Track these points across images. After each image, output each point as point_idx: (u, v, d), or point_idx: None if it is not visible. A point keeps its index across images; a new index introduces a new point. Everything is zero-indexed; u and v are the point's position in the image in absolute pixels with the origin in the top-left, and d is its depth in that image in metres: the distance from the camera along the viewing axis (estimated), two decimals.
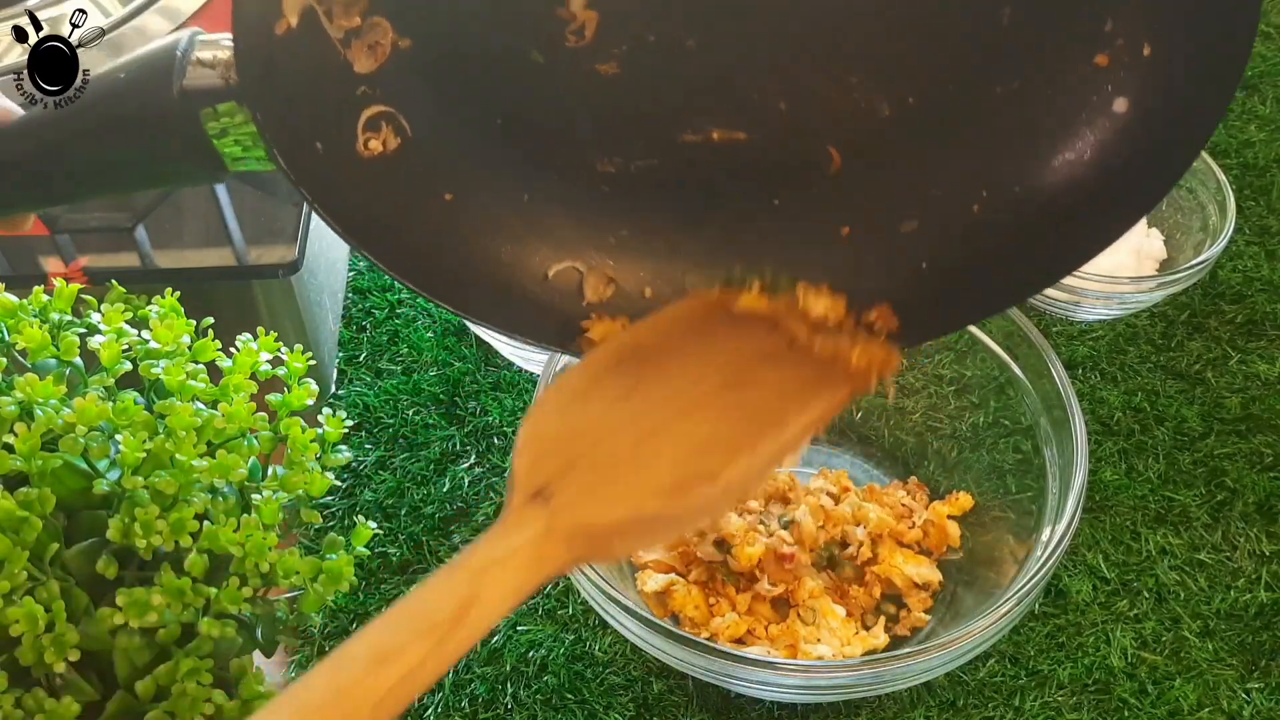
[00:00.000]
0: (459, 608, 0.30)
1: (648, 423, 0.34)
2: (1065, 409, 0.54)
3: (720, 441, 0.34)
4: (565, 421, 0.34)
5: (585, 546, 0.32)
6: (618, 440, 0.34)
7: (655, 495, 0.33)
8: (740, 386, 0.35)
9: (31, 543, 0.43)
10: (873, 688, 0.50)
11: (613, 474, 0.33)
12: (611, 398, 0.35)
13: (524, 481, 0.33)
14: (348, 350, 0.71)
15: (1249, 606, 0.57)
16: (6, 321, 0.48)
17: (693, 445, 0.34)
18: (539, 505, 0.32)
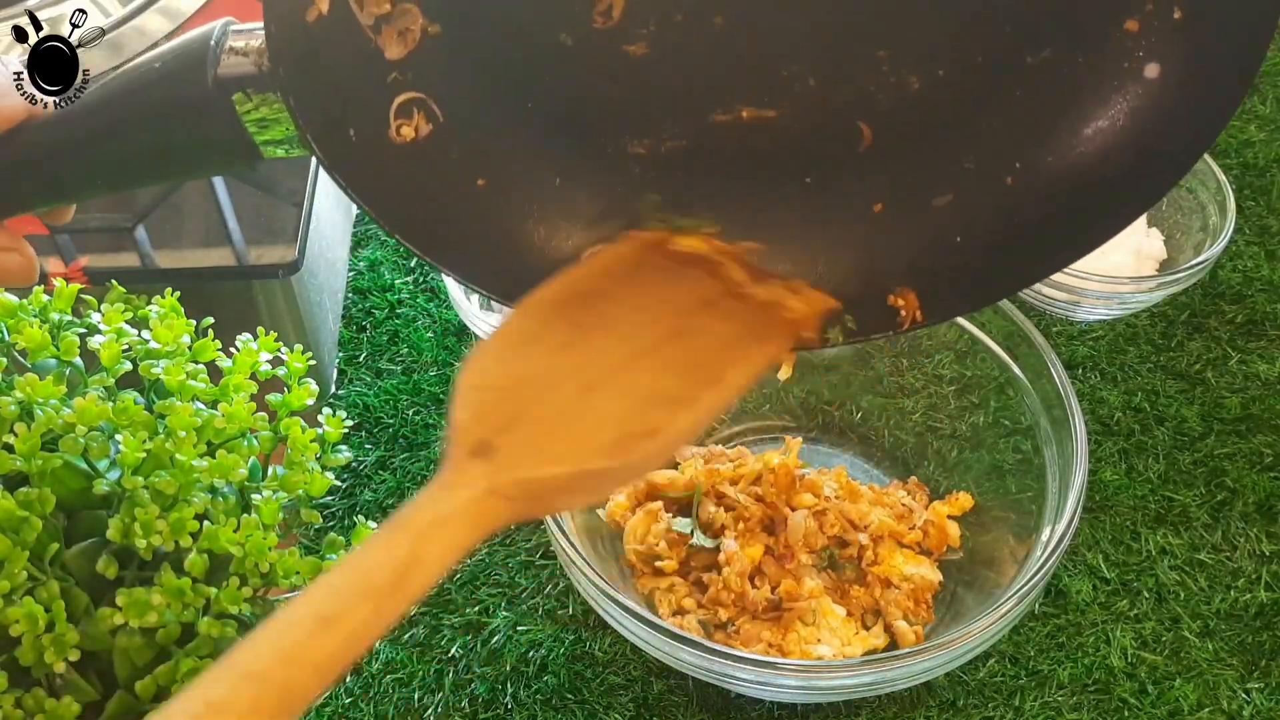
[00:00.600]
0: (400, 569, 0.30)
1: (590, 374, 0.34)
2: (1065, 409, 0.54)
3: (662, 396, 0.34)
4: (506, 371, 0.34)
5: (526, 502, 0.32)
6: (560, 393, 0.33)
7: (598, 452, 0.32)
8: (681, 336, 0.35)
9: (31, 543, 0.43)
10: (873, 688, 0.50)
11: (556, 429, 0.33)
12: (553, 346, 0.34)
13: (464, 435, 0.32)
14: (348, 350, 0.71)
15: (1249, 606, 0.57)
16: (6, 321, 0.48)
17: (635, 399, 0.33)
18: (480, 461, 0.31)
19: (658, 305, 0.35)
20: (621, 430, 0.33)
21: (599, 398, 0.33)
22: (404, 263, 0.76)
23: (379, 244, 0.77)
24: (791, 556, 0.57)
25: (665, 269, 0.36)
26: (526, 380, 0.34)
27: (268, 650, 0.28)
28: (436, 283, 0.74)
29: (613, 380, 0.34)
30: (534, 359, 0.34)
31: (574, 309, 0.35)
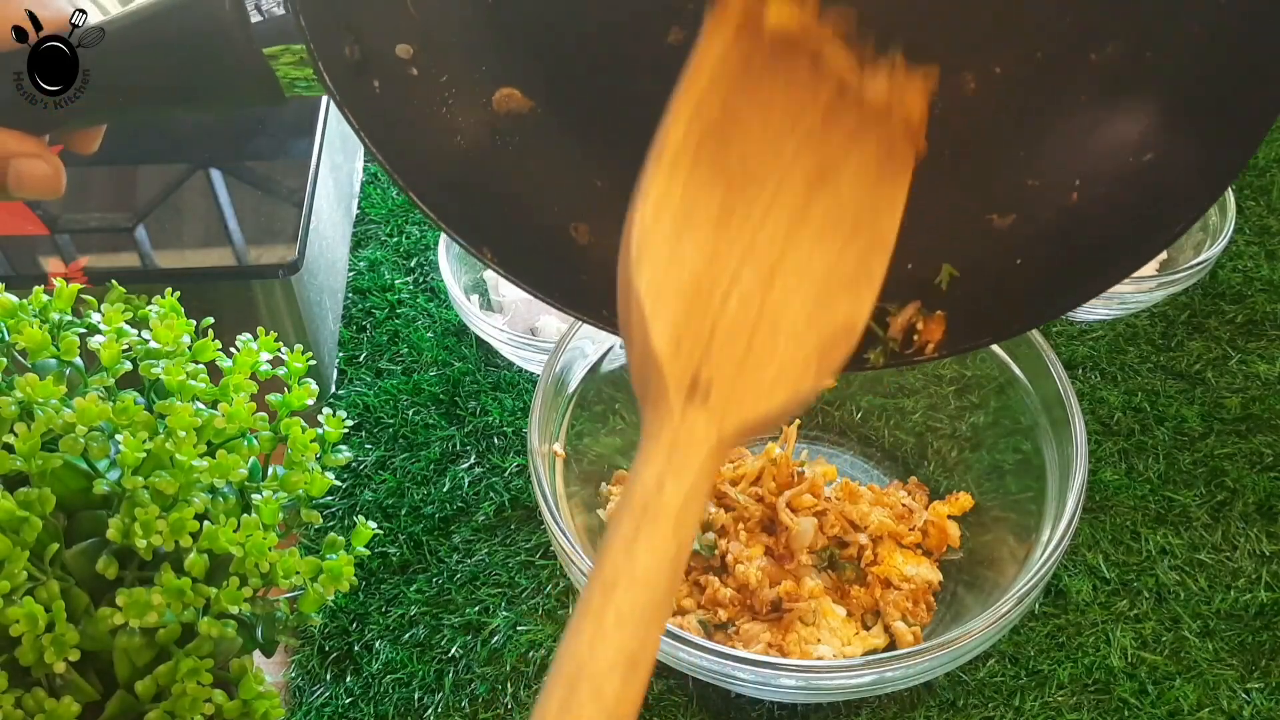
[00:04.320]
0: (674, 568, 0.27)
1: (762, 253, 0.31)
2: (1065, 409, 0.54)
3: (839, 274, 0.31)
4: (682, 265, 0.30)
5: (743, 440, 0.30)
6: (743, 286, 0.30)
7: (806, 368, 0.30)
8: (826, 181, 0.32)
9: (31, 543, 0.43)
10: (873, 688, 0.50)
11: (758, 344, 0.30)
12: (714, 220, 0.31)
13: (674, 370, 0.28)
14: (348, 350, 0.71)
15: (1249, 606, 0.57)
16: (6, 321, 0.48)
17: (816, 284, 0.31)
18: (699, 408, 0.28)
19: (787, 124, 0.32)
20: (818, 333, 0.30)
21: (781, 288, 0.30)
22: (404, 263, 0.76)
23: (379, 244, 0.77)
24: (791, 557, 0.57)
25: (772, 70, 0.33)
26: (704, 273, 0.30)
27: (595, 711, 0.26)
28: (436, 283, 0.74)
29: (785, 260, 0.31)
30: (702, 238, 0.30)
31: (712, 149, 0.32)
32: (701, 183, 0.31)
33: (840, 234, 0.32)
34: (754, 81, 0.33)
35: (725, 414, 0.29)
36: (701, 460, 0.28)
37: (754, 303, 0.30)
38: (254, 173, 0.66)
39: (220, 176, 0.65)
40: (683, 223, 0.31)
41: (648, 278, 0.30)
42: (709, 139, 0.32)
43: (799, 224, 0.31)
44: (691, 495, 0.28)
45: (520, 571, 0.60)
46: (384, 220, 0.79)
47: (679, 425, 0.28)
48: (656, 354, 0.29)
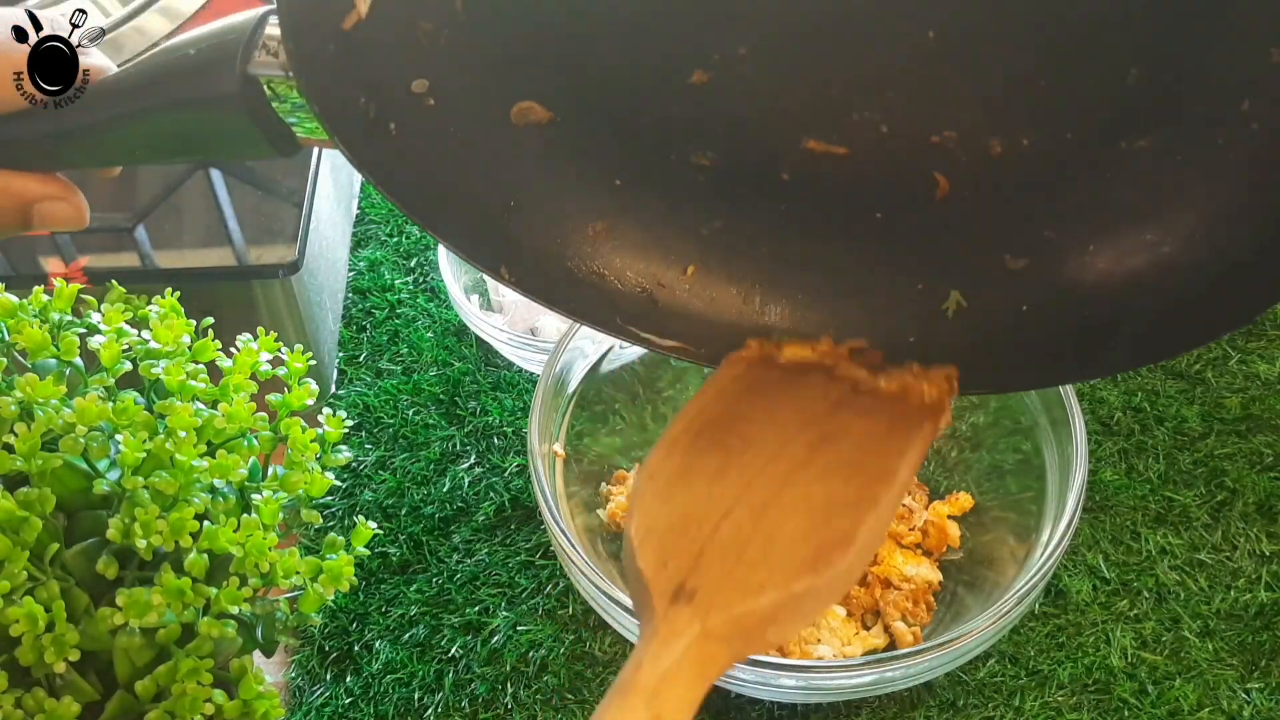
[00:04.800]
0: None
1: (757, 494, 0.33)
2: (1065, 409, 0.54)
3: (839, 502, 0.32)
4: (673, 508, 0.33)
5: (743, 640, 0.31)
6: (735, 519, 0.32)
7: (799, 570, 0.31)
8: (830, 442, 0.34)
9: (31, 543, 0.43)
10: (873, 688, 0.50)
11: (746, 557, 0.31)
12: (708, 476, 0.33)
13: (658, 583, 0.31)
14: (348, 350, 0.71)
15: (1249, 606, 0.57)
16: (6, 321, 0.48)
17: (813, 511, 0.32)
18: (683, 606, 0.30)
19: (794, 416, 0.34)
20: (814, 543, 0.32)
21: (775, 517, 0.32)
22: (404, 263, 0.76)
23: (379, 244, 0.77)
24: None
25: (784, 382, 0.35)
26: (696, 513, 0.32)
27: None
28: (436, 283, 0.74)
29: (781, 497, 0.33)
30: (695, 491, 0.33)
31: (714, 435, 0.34)
32: (699, 454, 0.34)
33: (841, 475, 0.33)
34: (765, 388, 0.35)
35: (710, 609, 0.31)
36: (683, 646, 0.30)
37: (745, 528, 0.32)
38: (254, 173, 0.66)
39: (220, 176, 0.65)
40: (675, 482, 0.33)
41: (637, 522, 0.32)
42: (712, 426, 0.34)
43: (799, 470, 0.33)
44: (668, 674, 0.29)
45: (520, 571, 0.60)
46: (384, 220, 0.79)
47: (661, 621, 0.30)
48: (643, 573, 0.31)
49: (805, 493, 0.33)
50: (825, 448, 0.34)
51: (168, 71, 0.37)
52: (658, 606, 0.31)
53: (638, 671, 0.29)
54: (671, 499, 0.33)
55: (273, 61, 0.35)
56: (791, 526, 0.32)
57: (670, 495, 0.33)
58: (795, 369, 0.35)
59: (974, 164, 0.34)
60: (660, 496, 0.33)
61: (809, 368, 0.35)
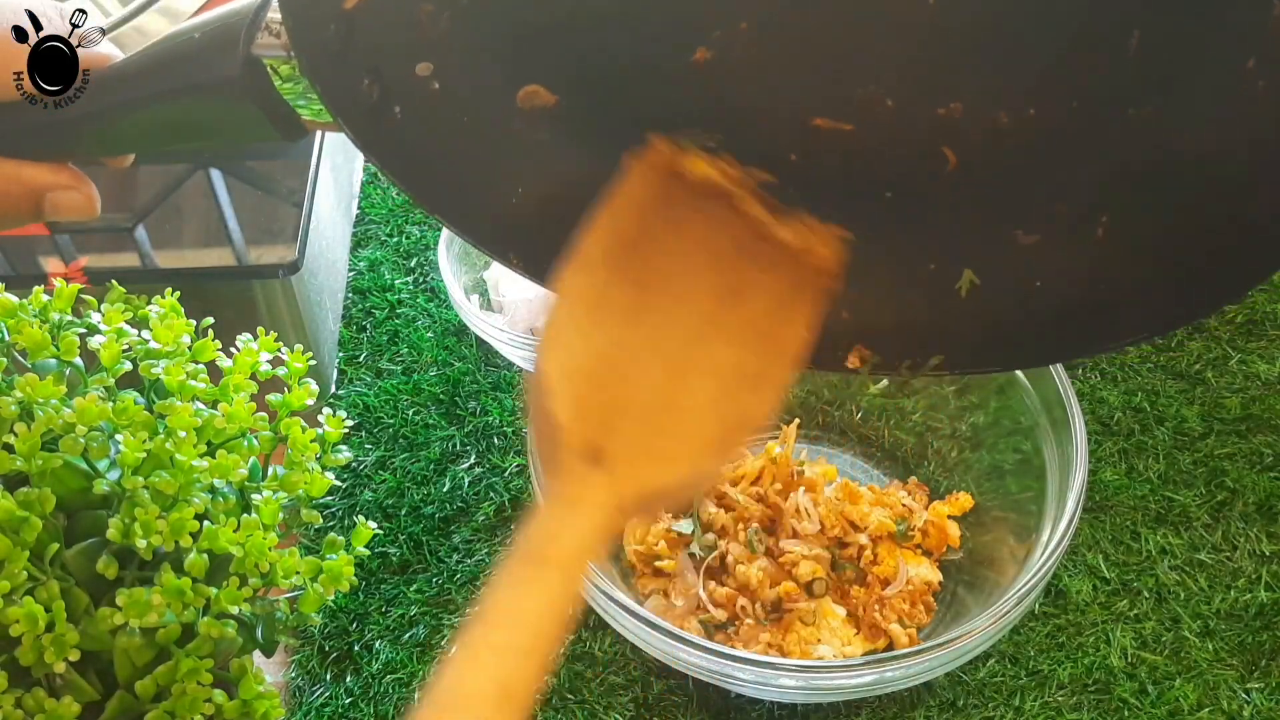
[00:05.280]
0: (560, 612, 0.29)
1: (670, 349, 0.33)
2: (1065, 409, 0.54)
3: (743, 374, 0.33)
4: (589, 347, 0.32)
5: (643, 509, 0.31)
6: (649, 375, 0.32)
7: (706, 449, 0.32)
8: (737, 295, 0.34)
9: (31, 543, 0.43)
10: (873, 688, 0.50)
11: (660, 424, 0.32)
12: (623, 312, 0.33)
13: (573, 438, 0.31)
14: (348, 350, 0.71)
15: (1249, 606, 0.57)
16: (6, 321, 0.48)
17: (721, 380, 0.33)
18: (598, 471, 0.30)
19: (700, 251, 0.34)
20: (720, 421, 0.32)
21: (687, 379, 0.32)
22: (404, 263, 0.76)
23: (379, 244, 0.77)
24: (793, 570, 0.57)
25: (690, 204, 0.35)
26: (611, 359, 0.32)
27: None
28: (436, 283, 0.74)
29: (693, 355, 0.33)
30: (610, 329, 0.33)
31: (626, 260, 0.34)
32: (614, 284, 0.33)
33: (748, 340, 0.34)
34: (673, 208, 0.35)
35: (624, 480, 0.30)
36: (597, 518, 0.30)
37: (660, 387, 0.32)
38: (254, 173, 0.66)
39: (220, 176, 0.65)
40: (593, 316, 0.33)
41: (555, 360, 0.32)
42: (624, 249, 0.34)
43: (709, 326, 0.33)
44: (583, 548, 0.30)
45: None
46: (384, 220, 0.79)
47: (577, 485, 0.30)
48: (559, 423, 0.31)
49: (715, 355, 0.33)
50: (733, 304, 0.34)
51: (172, 56, 0.37)
52: (572, 466, 0.30)
53: (554, 543, 0.29)
54: (587, 336, 0.33)
55: (275, 43, 0.35)
56: (702, 395, 0.32)
57: (586, 331, 0.33)
58: (702, 192, 0.35)
59: (981, 136, 0.34)
60: (577, 330, 0.33)
61: (714, 194, 0.35)
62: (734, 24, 0.34)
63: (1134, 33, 0.32)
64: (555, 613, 0.29)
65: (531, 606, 0.29)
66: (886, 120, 0.34)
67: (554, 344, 0.32)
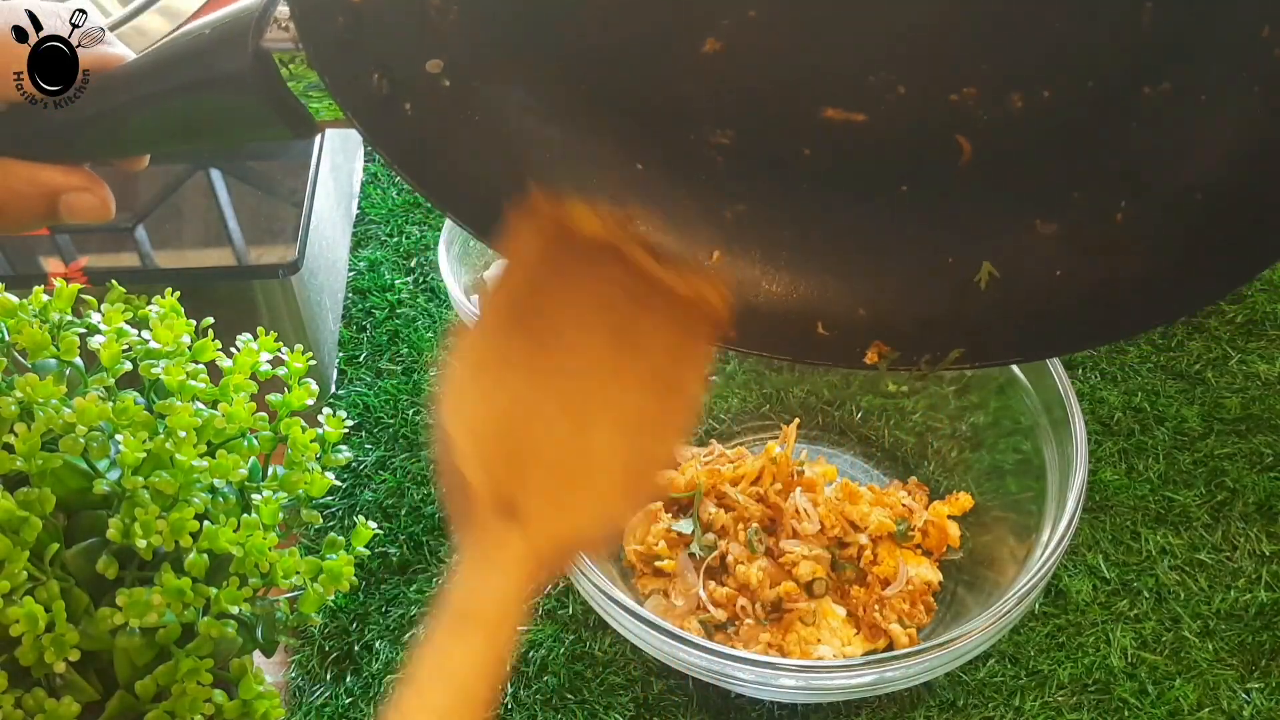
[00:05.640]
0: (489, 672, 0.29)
1: (572, 400, 0.33)
2: (1065, 409, 0.54)
3: (646, 420, 0.34)
4: (493, 407, 0.33)
5: (560, 563, 0.33)
6: (553, 427, 0.33)
7: (616, 495, 0.33)
8: (634, 345, 0.35)
9: (31, 543, 0.43)
10: (873, 688, 0.50)
11: (569, 475, 0.33)
12: (522, 368, 0.34)
13: (485, 494, 0.32)
14: (348, 350, 0.71)
15: (1249, 606, 0.57)
16: (6, 321, 0.48)
17: (625, 428, 0.33)
18: (514, 526, 0.31)
19: (594, 303, 0.35)
20: (627, 468, 0.33)
21: (592, 431, 0.33)
22: (404, 263, 0.76)
23: (379, 244, 0.77)
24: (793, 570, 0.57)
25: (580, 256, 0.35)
26: (516, 416, 0.33)
27: None
28: (436, 283, 0.74)
29: (595, 407, 0.34)
30: (512, 384, 0.34)
31: (523, 317, 0.35)
32: (511, 342, 0.34)
33: (647, 387, 0.34)
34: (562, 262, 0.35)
35: (539, 534, 0.31)
36: (516, 574, 0.31)
37: (564, 439, 0.33)
38: (254, 173, 0.66)
39: (220, 176, 0.65)
40: (492, 375, 0.34)
41: (460, 421, 0.33)
42: (518, 306, 0.34)
43: (607, 377, 0.34)
44: (506, 605, 0.30)
45: None
46: (384, 220, 0.78)
47: (492, 542, 0.31)
48: (468, 481, 0.31)
49: (617, 404, 0.34)
50: (629, 353, 0.34)
51: (183, 53, 0.37)
52: (487, 523, 0.31)
53: (476, 602, 0.30)
54: (489, 393, 0.33)
55: (285, 36, 0.35)
56: (607, 444, 0.33)
57: (483, 388, 0.33)
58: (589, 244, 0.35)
59: (996, 122, 0.33)
60: (479, 389, 0.33)
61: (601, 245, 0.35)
62: (742, 11, 0.33)
63: (1147, 5, 0.31)
64: (484, 671, 0.29)
65: (459, 669, 0.29)
66: (899, 108, 0.34)
67: (457, 406, 0.33)
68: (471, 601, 0.30)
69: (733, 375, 0.66)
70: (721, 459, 0.62)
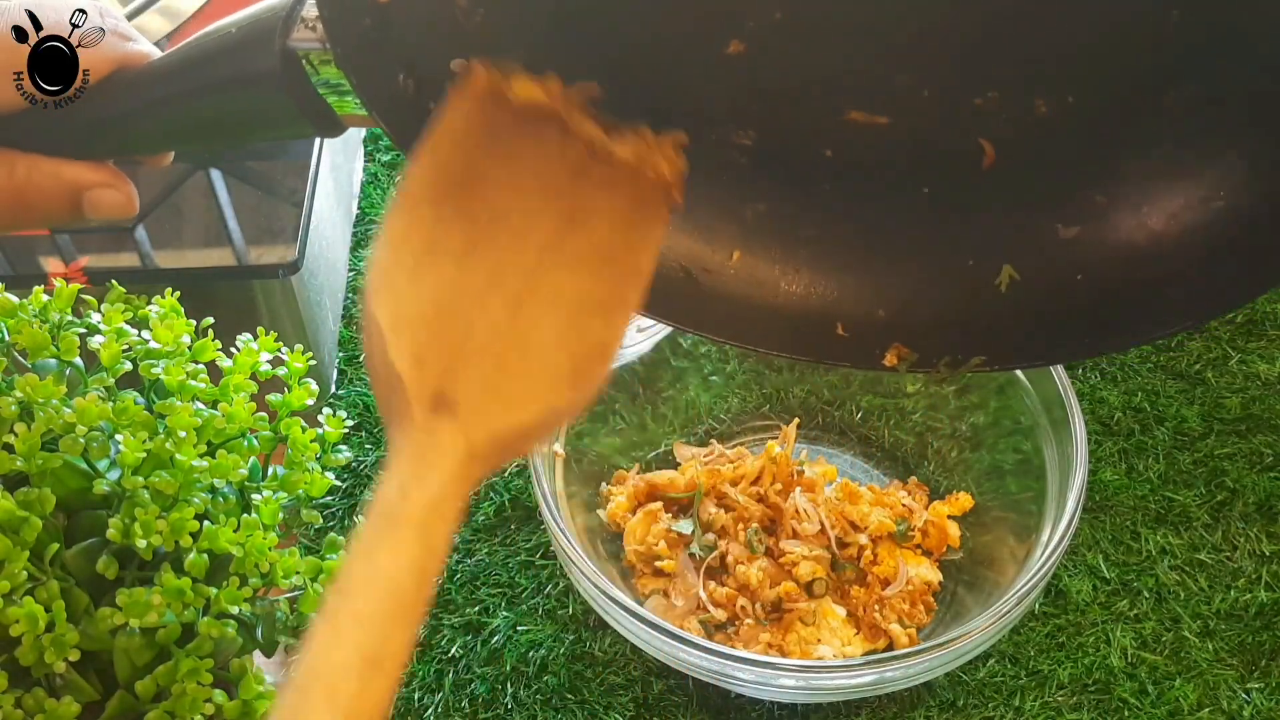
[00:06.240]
0: (419, 571, 0.27)
1: (509, 283, 0.31)
2: (1065, 409, 0.54)
3: (590, 301, 0.31)
4: (423, 291, 0.30)
5: (500, 455, 0.30)
6: (489, 313, 0.31)
7: (560, 385, 0.30)
8: (575, 222, 0.32)
9: (31, 543, 0.43)
10: (873, 688, 0.50)
11: (507, 363, 0.30)
12: (456, 252, 0.31)
13: (416, 385, 0.29)
14: (348, 350, 0.71)
15: (1249, 606, 0.57)
16: (6, 321, 0.48)
17: (567, 310, 0.31)
18: (445, 419, 0.29)
19: (534, 180, 0.33)
20: (571, 354, 0.31)
21: (530, 314, 0.31)
22: None
23: None
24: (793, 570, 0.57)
25: (520, 133, 0.33)
26: (447, 302, 0.30)
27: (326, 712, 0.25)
28: None
29: (534, 289, 0.31)
30: (444, 270, 0.31)
31: (455, 197, 0.32)
32: (443, 223, 0.32)
33: (591, 266, 0.32)
34: (500, 139, 0.33)
35: (473, 425, 0.29)
36: (449, 468, 0.28)
37: (502, 326, 0.31)
38: (254, 173, 0.66)
39: (220, 176, 0.65)
40: (422, 258, 0.31)
41: (386, 307, 0.30)
42: (452, 187, 0.32)
43: (549, 256, 0.32)
44: (438, 501, 0.28)
45: (520, 571, 0.60)
46: None
47: (423, 436, 0.28)
48: (398, 372, 0.29)
49: (558, 285, 0.31)
50: (573, 231, 0.32)
51: (209, 52, 0.37)
52: (417, 416, 0.29)
53: (405, 499, 0.28)
54: (420, 279, 0.31)
55: (312, 35, 0.35)
56: (548, 329, 0.31)
57: (418, 274, 0.31)
58: (529, 118, 0.33)
59: (1019, 127, 0.33)
60: (409, 274, 0.31)
61: (544, 117, 0.33)
62: (768, 14, 0.33)
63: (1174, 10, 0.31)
64: (416, 573, 0.27)
65: (389, 569, 0.27)
66: (922, 112, 0.34)
67: (383, 291, 0.30)
68: (401, 501, 0.28)
69: (733, 375, 0.66)
70: (721, 459, 0.62)
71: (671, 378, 0.64)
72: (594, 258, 0.32)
